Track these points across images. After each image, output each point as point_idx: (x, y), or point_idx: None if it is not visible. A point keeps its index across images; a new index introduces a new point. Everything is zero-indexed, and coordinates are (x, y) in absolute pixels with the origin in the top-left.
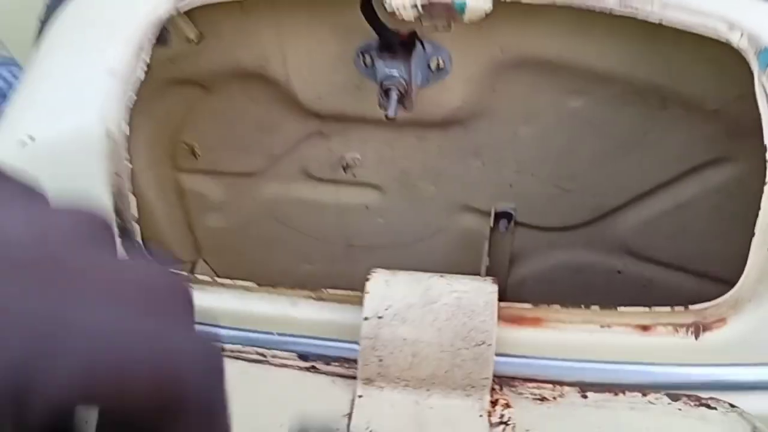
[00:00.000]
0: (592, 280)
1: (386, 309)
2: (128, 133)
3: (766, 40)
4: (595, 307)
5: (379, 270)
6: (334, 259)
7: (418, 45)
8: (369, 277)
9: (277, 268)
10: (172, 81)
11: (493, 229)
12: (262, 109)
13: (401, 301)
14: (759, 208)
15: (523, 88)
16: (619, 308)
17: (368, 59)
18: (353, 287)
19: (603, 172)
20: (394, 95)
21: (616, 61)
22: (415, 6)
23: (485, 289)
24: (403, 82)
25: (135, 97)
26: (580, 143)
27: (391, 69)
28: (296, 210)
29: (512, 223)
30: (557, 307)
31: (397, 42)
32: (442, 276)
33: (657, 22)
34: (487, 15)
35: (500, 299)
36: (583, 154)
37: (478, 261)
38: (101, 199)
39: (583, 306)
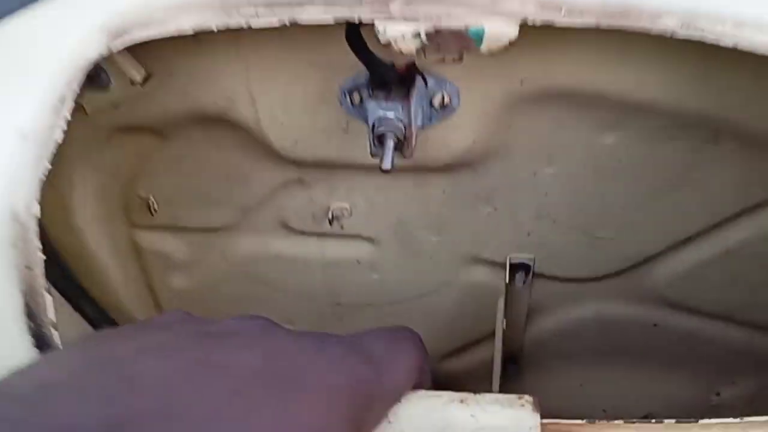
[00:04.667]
0: (624, 335)
1: None
2: (38, 215)
3: None
4: (669, 421)
5: None
6: (320, 318)
7: (419, 79)
8: None
9: None
10: (119, 128)
11: (508, 284)
12: (229, 157)
13: None
14: None
15: (545, 124)
16: (700, 420)
17: (356, 97)
18: None
19: (639, 215)
20: (389, 143)
21: (661, 90)
22: (418, 35)
23: (524, 424)
24: (401, 126)
25: (50, 167)
26: (613, 184)
27: (385, 110)
28: (274, 267)
29: (530, 276)
30: (619, 422)
31: (392, 78)
32: (463, 401)
33: (731, 46)
34: (510, 43)
35: (516, 362)
36: (616, 196)
37: (489, 317)
38: (5, 299)
39: (654, 420)
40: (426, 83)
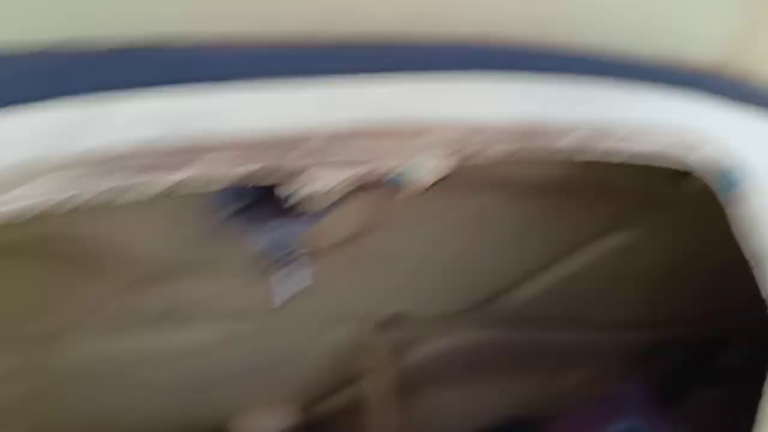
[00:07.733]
0: (492, 355)
1: None
2: None
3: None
4: None
5: None
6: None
7: None
8: None
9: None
10: None
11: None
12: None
13: None
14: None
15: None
16: None
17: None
18: None
19: (497, 257)
20: (286, 271)
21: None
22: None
23: None
24: (294, 245)
25: None
26: (475, 236)
27: (273, 233)
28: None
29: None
30: None
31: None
32: None
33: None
34: None
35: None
36: (477, 245)
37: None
38: None
39: None
40: None
